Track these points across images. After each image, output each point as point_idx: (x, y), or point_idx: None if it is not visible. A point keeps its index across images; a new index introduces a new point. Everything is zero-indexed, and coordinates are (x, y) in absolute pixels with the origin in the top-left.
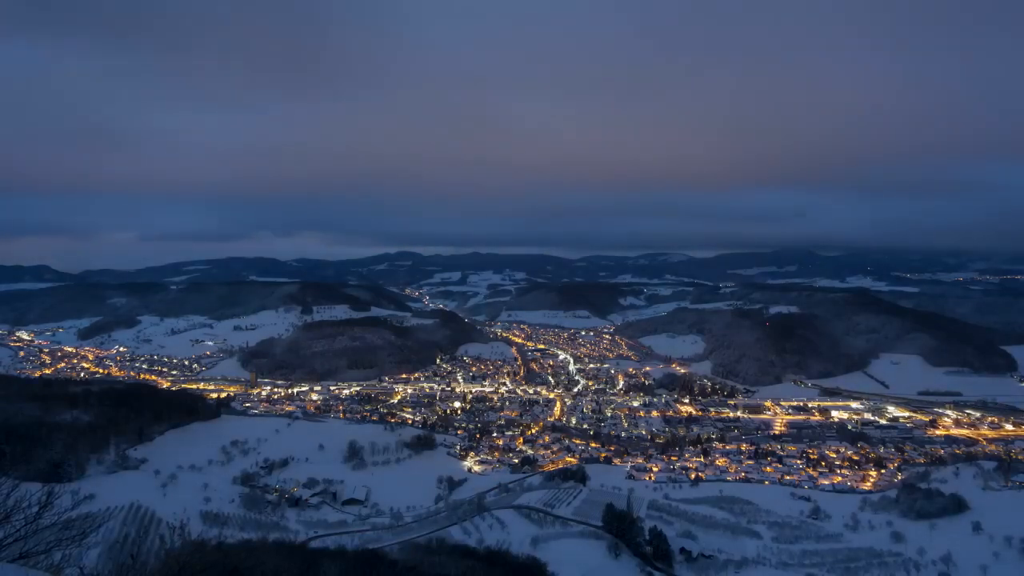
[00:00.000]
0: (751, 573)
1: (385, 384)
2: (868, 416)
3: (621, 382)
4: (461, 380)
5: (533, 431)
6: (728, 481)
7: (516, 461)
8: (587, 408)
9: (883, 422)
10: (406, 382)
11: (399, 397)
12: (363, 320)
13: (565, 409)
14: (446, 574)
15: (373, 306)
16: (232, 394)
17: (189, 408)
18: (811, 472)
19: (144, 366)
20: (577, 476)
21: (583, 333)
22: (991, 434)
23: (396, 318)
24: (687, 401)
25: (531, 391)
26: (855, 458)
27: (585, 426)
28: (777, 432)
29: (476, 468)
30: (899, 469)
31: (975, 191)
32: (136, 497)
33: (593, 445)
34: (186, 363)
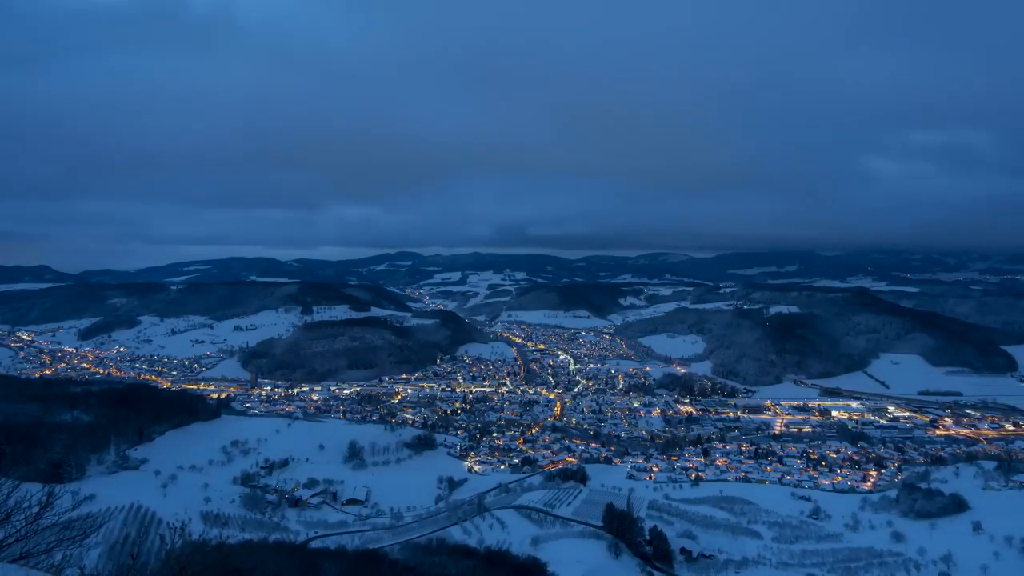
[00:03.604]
0: (751, 573)
1: (385, 384)
2: (868, 416)
3: (621, 382)
4: (461, 380)
5: (533, 431)
6: (728, 481)
7: (516, 461)
8: (587, 408)
9: (883, 422)
10: (406, 382)
11: (399, 397)
12: (363, 320)
13: (565, 409)
14: (446, 574)
15: (373, 306)
16: (232, 394)
17: (189, 408)
18: (811, 472)
19: (144, 366)
20: (577, 476)
21: (583, 333)
22: (991, 434)
23: (396, 318)
24: (687, 401)
25: (531, 391)
26: (855, 458)
27: (585, 426)
28: (777, 432)
29: (476, 468)
30: (899, 469)
31: None
32: (136, 497)
33: (593, 445)
34: (186, 363)
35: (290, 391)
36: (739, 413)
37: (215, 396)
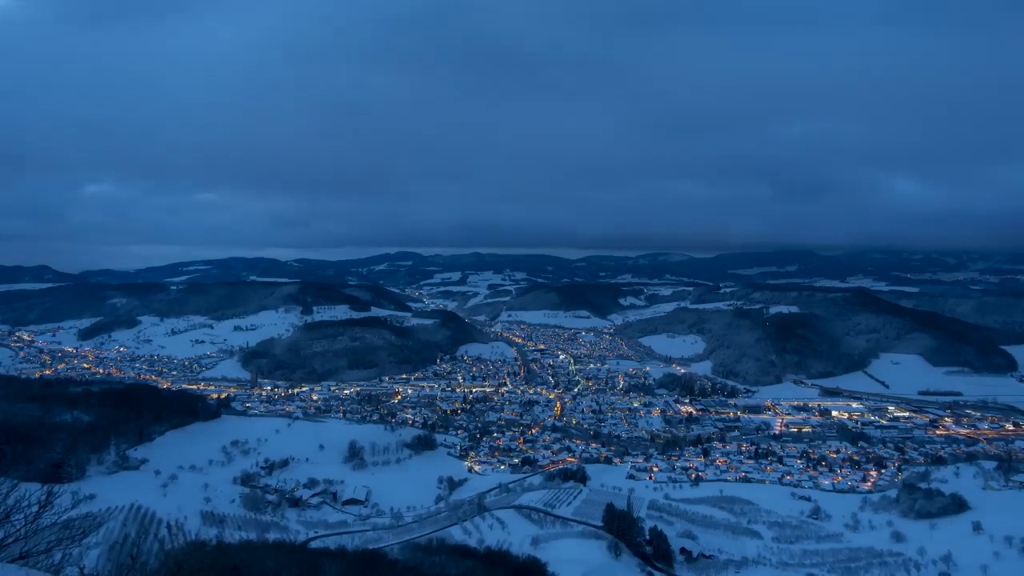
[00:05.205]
0: (751, 573)
1: (385, 384)
2: (868, 416)
3: (621, 382)
4: (461, 380)
5: (533, 431)
6: (728, 481)
7: (516, 461)
8: (587, 408)
9: (883, 422)
10: (406, 382)
11: (399, 397)
12: (363, 320)
13: (565, 409)
14: (446, 574)
15: (373, 306)
16: (232, 394)
17: (189, 408)
18: (811, 472)
19: (144, 366)
20: (577, 476)
21: (583, 333)
22: (991, 434)
23: (396, 318)
24: (687, 401)
25: (531, 391)
26: (855, 458)
27: (585, 426)
28: (777, 432)
29: (476, 468)
30: (899, 469)
31: None
32: (136, 497)
33: (593, 445)
34: (186, 363)
35: (290, 391)
36: (739, 413)
37: (215, 396)
